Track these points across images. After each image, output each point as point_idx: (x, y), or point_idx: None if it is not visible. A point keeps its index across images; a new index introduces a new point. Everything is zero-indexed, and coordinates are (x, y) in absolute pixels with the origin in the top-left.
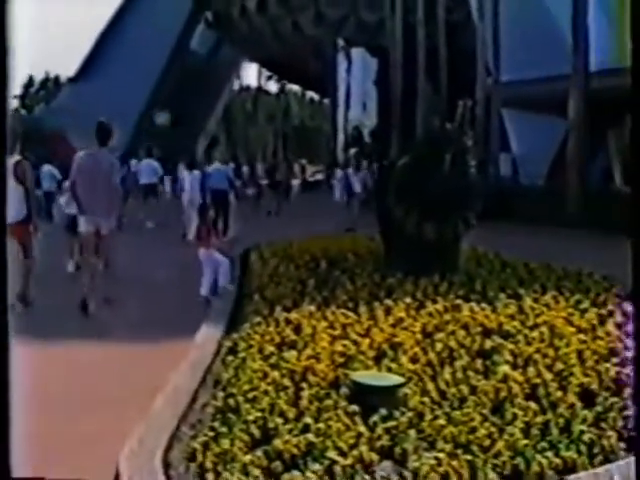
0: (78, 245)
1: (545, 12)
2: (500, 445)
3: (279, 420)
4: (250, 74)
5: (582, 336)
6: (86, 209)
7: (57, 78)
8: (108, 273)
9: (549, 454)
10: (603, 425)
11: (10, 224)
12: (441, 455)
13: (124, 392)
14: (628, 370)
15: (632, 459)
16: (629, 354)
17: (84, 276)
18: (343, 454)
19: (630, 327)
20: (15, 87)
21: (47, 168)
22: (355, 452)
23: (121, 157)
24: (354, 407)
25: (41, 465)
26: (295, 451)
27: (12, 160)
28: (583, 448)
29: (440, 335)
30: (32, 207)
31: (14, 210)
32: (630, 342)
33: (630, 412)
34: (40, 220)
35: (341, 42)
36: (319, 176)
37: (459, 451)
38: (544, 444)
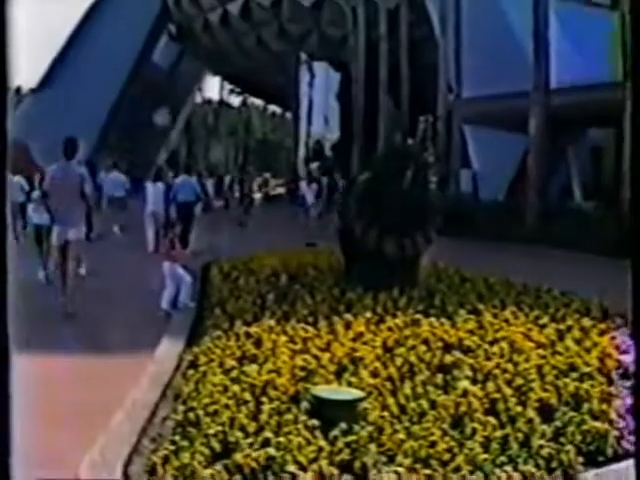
0: (49, 253)
1: (507, 29)
2: (460, 459)
3: (239, 434)
4: (212, 87)
5: (541, 351)
6: (57, 219)
7: (19, 88)
8: (75, 282)
9: (508, 468)
10: (562, 440)
11: None
12: (401, 469)
13: (85, 406)
14: (587, 385)
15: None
16: (588, 369)
17: (57, 283)
18: (303, 468)
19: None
20: None
21: (17, 179)
22: (315, 466)
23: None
24: (314, 421)
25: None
26: (255, 465)
27: None
28: (542, 462)
29: (400, 350)
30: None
31: None
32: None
33: (590, 425)
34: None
35: (304, 57)
36: (280, 190)
37: (419, 465)
38: (503, 458)
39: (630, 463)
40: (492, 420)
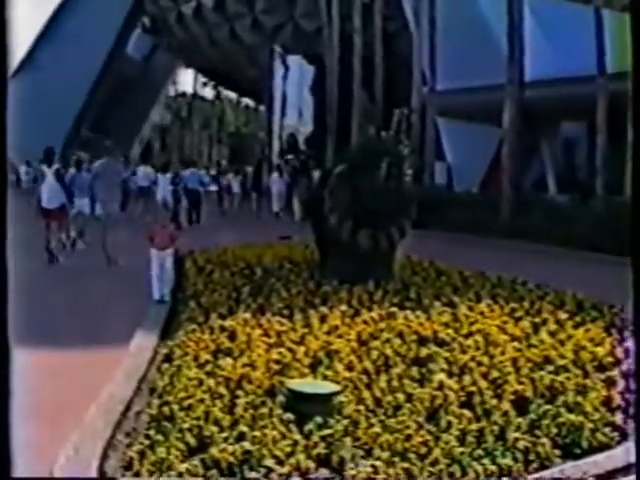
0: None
1: (481, 22)
2: (437, 453)
3: (214, 428)
4: (186, 80)
5: (516, 344)
6: (99, 199)
7: None
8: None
9: (486, 461)
10: (537, 432)
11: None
12: (378, 463)
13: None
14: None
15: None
16: (563, 362)
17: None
18: (280, 462)
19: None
20: None
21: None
22: (292, 460)
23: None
24: (289, 415)
25: None
26: (232, 459)
27: (54, 166)
28: (519, 455)
29: (375, 343)
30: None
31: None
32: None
33: (565, 417)
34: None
35: (278, 49)
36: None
37: (396, 459)
38: (480, 452)
39: (608, 454)
40: (467, 413)
